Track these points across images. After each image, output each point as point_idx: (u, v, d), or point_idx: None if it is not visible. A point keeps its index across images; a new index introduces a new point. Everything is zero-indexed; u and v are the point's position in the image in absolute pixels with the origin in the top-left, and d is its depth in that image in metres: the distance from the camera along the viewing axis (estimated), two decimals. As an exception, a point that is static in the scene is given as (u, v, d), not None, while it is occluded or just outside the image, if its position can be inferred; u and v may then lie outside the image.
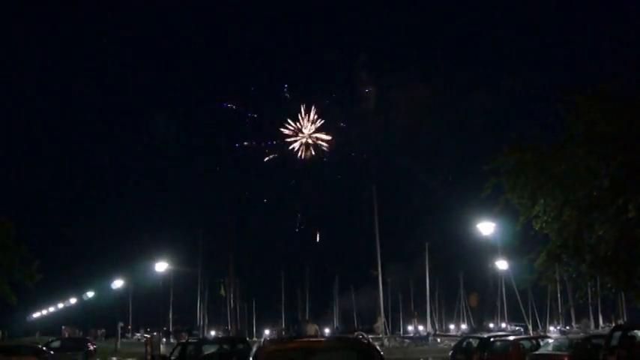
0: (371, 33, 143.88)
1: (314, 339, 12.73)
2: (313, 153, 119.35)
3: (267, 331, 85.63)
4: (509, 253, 43.66)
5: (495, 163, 22.43)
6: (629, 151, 19.27)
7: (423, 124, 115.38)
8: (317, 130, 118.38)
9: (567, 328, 56.62)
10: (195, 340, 27.77)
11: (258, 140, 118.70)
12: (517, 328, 56.32)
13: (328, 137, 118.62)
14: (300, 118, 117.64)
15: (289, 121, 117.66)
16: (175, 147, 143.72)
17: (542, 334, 45.80)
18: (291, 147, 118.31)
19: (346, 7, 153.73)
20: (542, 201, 21.47)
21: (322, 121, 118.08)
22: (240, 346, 22.51)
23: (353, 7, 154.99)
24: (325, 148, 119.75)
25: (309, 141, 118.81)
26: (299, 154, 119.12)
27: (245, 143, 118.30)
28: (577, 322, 60.05)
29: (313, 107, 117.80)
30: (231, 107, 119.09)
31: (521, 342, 24.12)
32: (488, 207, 30.94)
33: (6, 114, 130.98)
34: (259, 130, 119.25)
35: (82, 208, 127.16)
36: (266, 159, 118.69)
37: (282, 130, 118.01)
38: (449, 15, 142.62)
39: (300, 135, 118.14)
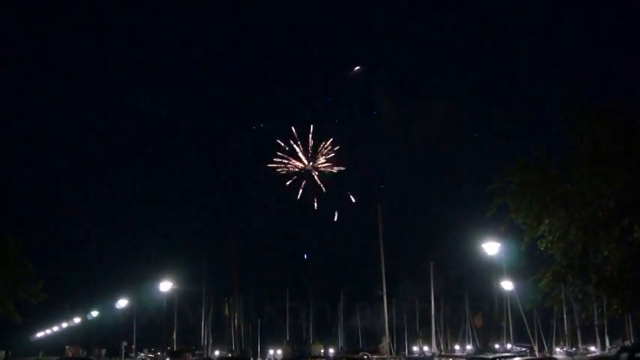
0: (379, 50, 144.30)
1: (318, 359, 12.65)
2: (320, 182, 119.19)
3: (271, 351, 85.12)
4: (515, 273, 43.43)
5: (500, 183, 22.46)
6: (634, 171, 19.27)
7: (430, 144, 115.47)
8: (325, 160, 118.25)
9: (573, 349, 56.17)
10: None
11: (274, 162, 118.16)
12: (522, 348, 55.90)
13: (335, 168, 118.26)
14: (306, 148, 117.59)
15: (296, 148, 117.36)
16: (180, 166, 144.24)
17: (547, 355, 45.47)
18: (297, 172, 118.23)
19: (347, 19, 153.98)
20: (547, 221, 21.45)
21: (329, 149, 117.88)
22: (245, 366, 22.39)
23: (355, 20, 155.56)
24: (332, 171, 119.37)
25: (316, 171, 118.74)
26: (306, 179, 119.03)
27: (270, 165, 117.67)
28: (583, 342, 59.62)
29: (323, 142, 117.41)
30: (254, 127, 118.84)
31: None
32: (493, 227, 30.89)
33: (12, 131, 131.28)
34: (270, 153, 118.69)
35: (87, 226, 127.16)
36: (288, 182, 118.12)
37: (289, 159, 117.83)
38: (455, 35, 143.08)
39: (308, 165, 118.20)
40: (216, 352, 71.43)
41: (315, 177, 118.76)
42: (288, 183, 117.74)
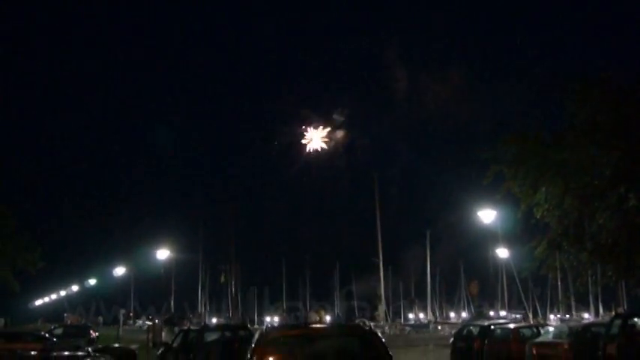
0: (374, 21, 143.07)
1: (316, 325, 12.78)
2: (318, 149, 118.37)
3: (267, 318, 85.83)
4: (510, 241, 43.68)
5: (496, 151, 22.49)
6: (630, 140, 19.31)
7: (425, 112, 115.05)
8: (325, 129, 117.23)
9: (567, 316, 56.77)
10: (197, 328, 27.84)
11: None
12: (517, 316, 56.42)
13: (333, 135, 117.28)
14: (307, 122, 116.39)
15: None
16: (177, 135, 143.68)
17: (542, 322, 45.92)
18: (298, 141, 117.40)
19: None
20: (543, 189, 21.54)
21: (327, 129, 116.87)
22: (242, 332, 22.55)
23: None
24: (327, 144, 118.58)
25: (316, 141, 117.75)
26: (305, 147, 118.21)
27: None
28: (577, 310, 60.23)
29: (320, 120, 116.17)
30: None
31: (522, 330, 24.15)
32: (489, 195, 30.96)
33: (8, 102, 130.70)
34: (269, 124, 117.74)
35: (84, 195, 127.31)
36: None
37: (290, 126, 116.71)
38: (453, 7, 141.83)
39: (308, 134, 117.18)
40: (214, 320, 72.01)
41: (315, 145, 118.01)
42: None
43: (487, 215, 39.02)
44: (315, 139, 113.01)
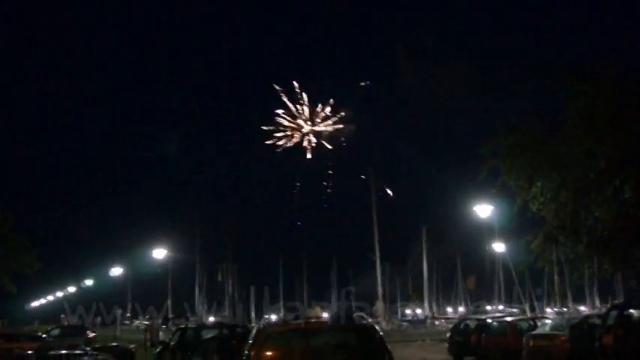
0: (366, 19, 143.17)
1: (313, 321, 12.76)
2: (314, 144, 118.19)
3: (265, 316, 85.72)
4: (507, 235, 43.71)
5: (492, 145, 22.52)
6: (624, 132, 19.32)
7: (421, 108, 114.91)
8: (322, 121, 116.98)
9: (564, 309, 56.80)
10: (194, 326, 27.84)
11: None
12: (514, 310, 56.47)
13: (331, 128, 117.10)
14: (303, 109, 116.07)
15: (292, 109, 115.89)
16: (173, 135, 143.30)
17: (539, 315, 45.97)
18: (292, 138, 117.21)
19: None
20: (538, 183, 21.60)
21: (325, 113, 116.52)
22: (240, 330, 22.56)
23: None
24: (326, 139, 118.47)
25: (312, 134, 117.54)
26: (301, 143, 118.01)
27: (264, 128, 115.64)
28: (573, 302, 60.31)
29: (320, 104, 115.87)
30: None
31: (519, 323, 24.20)
32: (485, 189, 31.00)
33: (6, 103, 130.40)
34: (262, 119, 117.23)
35: (80, 196, 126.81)
36: (278, 148, 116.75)
37: (283, 120, 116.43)
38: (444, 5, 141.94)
39: (304, 127, 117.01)
40: (211, 318, 71.86)
41: (313, 140, 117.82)
42: (281, 143, 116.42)
43: (483, 210, 39.04)
44: (312, 135, 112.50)
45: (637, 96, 19.98)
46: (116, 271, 76.42)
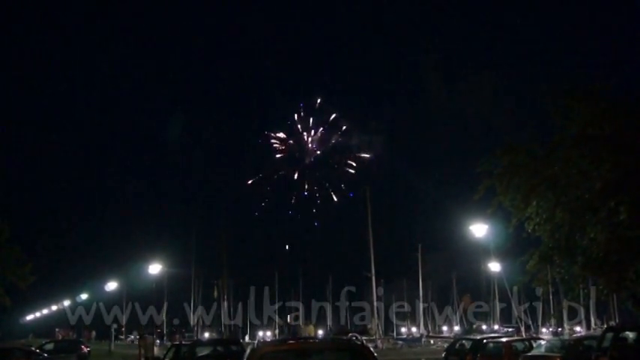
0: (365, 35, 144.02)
1: (307, 340, 12.75)
2: (312, 159, 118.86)
3: (260, 333, 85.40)
4: (502, 255, 43.75)
5: (488, 165, 22.57)
6: (620, 153, 19.38)
7: (418, 127, 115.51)
8: (317, 138, 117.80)
9: (559, 329, 56.77)
10: (189, 342, 27.79)
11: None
12: (510, 329, 56.42)
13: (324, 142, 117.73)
14: (300, 128, 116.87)
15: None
16: (170, 150, 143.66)
17: (534, 335, 45.92)
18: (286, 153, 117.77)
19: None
20: (534, 203, 21.60)
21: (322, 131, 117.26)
22: (234, 347, 22.55)
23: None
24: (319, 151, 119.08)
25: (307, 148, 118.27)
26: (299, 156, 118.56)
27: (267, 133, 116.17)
28: (569, 322, 60.25)
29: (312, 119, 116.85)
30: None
31: (514, 343, 24.21)
32: (481, 209, 31.02)
33: (3, 112, 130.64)
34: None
35: (76, 210, 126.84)
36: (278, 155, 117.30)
37: (280, 139, 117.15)
38: (441, 15, 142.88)
39: (300, 143, 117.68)
40: (206, 334, 71.65)
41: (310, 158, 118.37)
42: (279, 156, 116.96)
43: (479, 229, 39.08)
44: (309, 150, 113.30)
45: (635, 118, 20.08)
46: (111, 285, 76.20)
